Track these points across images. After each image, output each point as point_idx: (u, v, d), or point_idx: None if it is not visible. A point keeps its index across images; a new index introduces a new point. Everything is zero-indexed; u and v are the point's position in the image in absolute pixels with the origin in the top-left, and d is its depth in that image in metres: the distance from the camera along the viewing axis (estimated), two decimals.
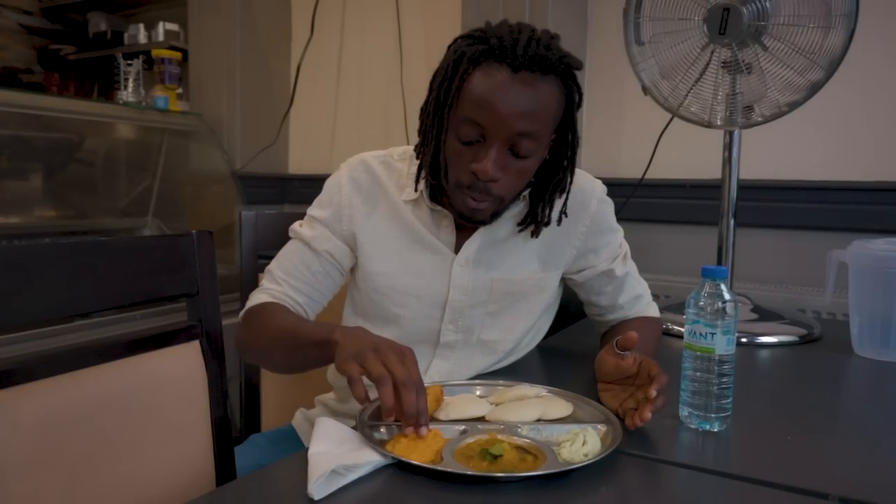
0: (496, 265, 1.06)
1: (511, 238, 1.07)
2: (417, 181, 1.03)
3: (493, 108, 0.88)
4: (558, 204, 1.04)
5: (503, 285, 1.06)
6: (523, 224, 1.05)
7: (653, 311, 1.19)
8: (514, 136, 0.90)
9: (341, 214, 1.06)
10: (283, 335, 0.95)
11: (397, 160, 1.08)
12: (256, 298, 1.05)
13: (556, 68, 0.90)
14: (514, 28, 0.92)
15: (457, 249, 1.05)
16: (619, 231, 1.15)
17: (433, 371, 1.08)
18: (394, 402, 0.75)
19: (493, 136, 0.90)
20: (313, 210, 1.08)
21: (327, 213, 1.06)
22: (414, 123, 1.07)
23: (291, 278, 1.05)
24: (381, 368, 0.75)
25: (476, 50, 0.90)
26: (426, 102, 0.98)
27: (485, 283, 1.05)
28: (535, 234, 1.05)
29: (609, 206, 1.13)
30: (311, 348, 0.88)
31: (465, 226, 1.04)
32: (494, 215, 1.00)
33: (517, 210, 1.06)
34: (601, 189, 1.12)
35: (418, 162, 1.02)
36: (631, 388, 0.89)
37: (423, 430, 0.75)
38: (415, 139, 1.04)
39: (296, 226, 1.09)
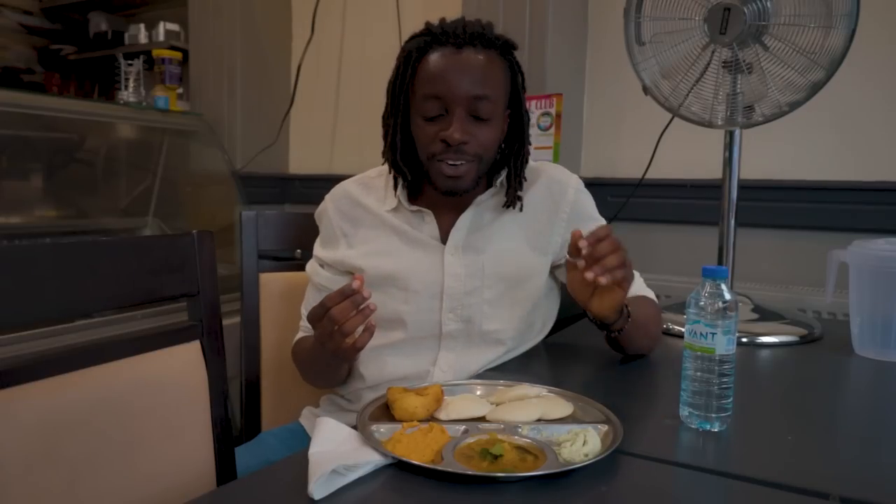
0: (484, 248, 1.10)
1: (496, 221, 1.12)
2: (396, 189, 1.11)
3: (448, 78, 1.01)
4: (533, 190, 1.14)
5: (495, 267, 1.10)
6: (505, 201, 1.10)
7: (649, 294, 1.18)
8: (472, 100, 1.01)
9: (337, 244, 1.14)
10: (309, 360, 1.12)
11: (375, 177, 1.17)
12: (294, 340, 1.18)
13: (495, 44, 1.04)
14: (452, 21, 1.06)
15: (444, 241, 1.10)
16: (601, 221, 1.17)
17: (442, 363, 1.09)
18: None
19: (454, 104, 1.01)
20: (317, 251, 1.18)
21: (329, 252, 1.15)
22: None
23: None
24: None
25: (421, 41, 1.04)
26: (385, 108, 1.10)
27: (476, 267, 1.09)
28: (516, 205, 1.10)
29: (587, 196, 1.18)
30: (321, 361, 1.04)
31: (447, 218, 1.10)
32: (476, 181, 1.07)
33: (498, 198, 1.12)
34: (576, 181, 1.17)
35: (391, 171, 1.11)
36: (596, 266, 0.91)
37: (368, 294, 0.90)
38: None
39: (309, 268, 1.18)
